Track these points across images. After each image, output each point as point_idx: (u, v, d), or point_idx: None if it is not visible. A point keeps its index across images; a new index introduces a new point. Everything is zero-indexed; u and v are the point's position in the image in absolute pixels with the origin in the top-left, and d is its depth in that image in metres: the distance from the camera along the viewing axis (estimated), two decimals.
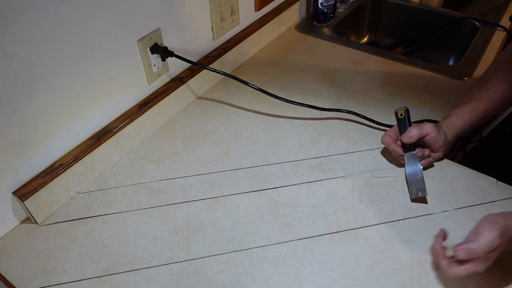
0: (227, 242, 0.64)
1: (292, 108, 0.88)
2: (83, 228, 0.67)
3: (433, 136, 0.69)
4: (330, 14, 1.16)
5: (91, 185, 0.74)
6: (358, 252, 0.62)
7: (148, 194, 0.72)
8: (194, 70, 0.89)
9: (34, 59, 0.59)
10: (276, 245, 0.64)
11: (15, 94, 0.59)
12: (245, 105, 0.90)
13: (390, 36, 1.32)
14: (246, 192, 0.72)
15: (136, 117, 0.78)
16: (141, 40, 0.75)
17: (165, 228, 0.66)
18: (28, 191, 0.64)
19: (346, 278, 0.59)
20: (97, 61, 0.69)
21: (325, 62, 1.03)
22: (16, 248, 0.64)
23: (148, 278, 0.60)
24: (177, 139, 0.83)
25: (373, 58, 1.03)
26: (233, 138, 0.82)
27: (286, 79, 0.97)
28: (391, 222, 0.66)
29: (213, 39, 0.93)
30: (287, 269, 0.60)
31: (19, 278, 0.60)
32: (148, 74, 0.79)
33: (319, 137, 0.82)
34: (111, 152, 0.76)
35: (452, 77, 0.95)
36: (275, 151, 0.79)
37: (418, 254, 0.61)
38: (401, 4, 1.26)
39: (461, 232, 0.64)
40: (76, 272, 0.61)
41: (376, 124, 0.83)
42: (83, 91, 0.69)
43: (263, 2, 1.03)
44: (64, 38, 0.62)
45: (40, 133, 0.65)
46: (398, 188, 0.71)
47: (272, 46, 1.10)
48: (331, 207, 0.68)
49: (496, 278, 0.58)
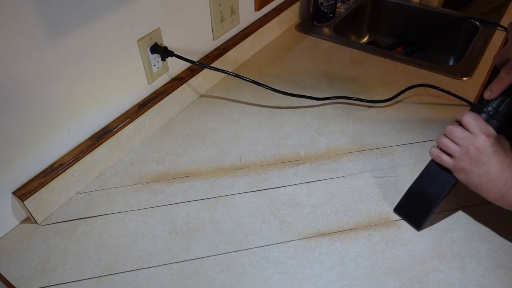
0: (227, 242, 0.64)
1: (292, 108, 0.88)
2: (83, 228, 0.67)
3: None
4: (330, 14, 1.16)
5: (91, 185, 0.74)
6: (358, 252, 0.62)
7: (148, 194, 0.72)
8: (194, 70, 0.89)
9: (34, 58, 0.59)
10: (276, 245, 0.64)
11: (15, 94, 0.59)
12: (245, 105, 0.90)
13: (390, 36, 1.32)
14: (246, 192, 0.72)
15: (136, 117, 0.78)
16: (141, 40, 0.75)
17: (165, 228, 0.66)
18: (28, 191, 0.64)
19: (346, 278, 0.59)
20: (97, 61, 0.69)
21: (325, 62, 1.03)
22: (16, 248, 0.64)
23: (148, 278, 0.60)
24: (177, 139, 0.83)
25: (373, 58, 1.03)
26: (233, 138, 0.82)
27: (286, 79, 0.97)
28: (391, 222, 0.66)
29: (213, 39, 0.93)
30: (287, 269, 0.60)
31: (19, 278, 0.60)
32: (148, 74, 0.79)
33: (319, 137, 0.82)
34: (111, 152, 0.76)
35: (452, 77, 0.95)
36: (275, 151, 0.79)
37: (418, 254, 0.61)
38: (401, 4, 1.26)
39: (461, 233, 0.64)
40: (76, 272, 0.61)
41: None
42: (83, 91, 0.69)
43: (263, 2, 1.03)
44: (64, 38, 0.62)
45: (40, 133, 0.65)
46: (398, 188, 0.71)
47: (272, 46, 1.10)
48: (331, 207, 0.68)
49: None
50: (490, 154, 0.55)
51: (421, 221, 0.64)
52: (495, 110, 0.58)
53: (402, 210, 0.67)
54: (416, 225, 0.65)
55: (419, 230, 0.64)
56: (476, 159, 0.55)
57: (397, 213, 0.67)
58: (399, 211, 0.67)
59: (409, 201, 0.66)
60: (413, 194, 0.66)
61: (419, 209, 0.64)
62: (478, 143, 0.55)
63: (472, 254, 0.61)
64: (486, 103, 0.59)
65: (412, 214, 0.66)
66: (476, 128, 0.56)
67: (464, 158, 0.56)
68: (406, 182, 0.71)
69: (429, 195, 0.63)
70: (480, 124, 0.56)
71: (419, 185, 0.65)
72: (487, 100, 0.59)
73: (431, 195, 0.63)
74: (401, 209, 0.67)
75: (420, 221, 0.64)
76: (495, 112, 0.58)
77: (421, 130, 0.82)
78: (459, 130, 0.57)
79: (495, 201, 0.56)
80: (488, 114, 0.58)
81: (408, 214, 0.66)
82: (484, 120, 0.57)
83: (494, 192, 0.55)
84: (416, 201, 0.65)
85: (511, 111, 0.57)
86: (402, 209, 0.67)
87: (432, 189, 0.63)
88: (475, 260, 0.60)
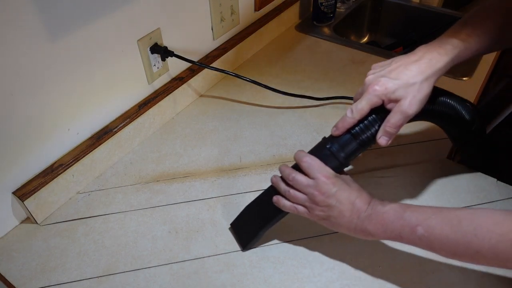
0: (227, 242, 0.64)
1: (292, 108, 0.88)
2: (83, 228, 0.67)
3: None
4: (330, 14, 1.16)
5: (91, 185, 0.74)
6: (358, 252, 0.62)
7: (148, 194, 0.72)
8: (194, 70, 0.89)
9: (34, 58, 0.59)
10: (276, 245, 0.64)
11: (15, 94, 0.59)
12: (245, 105, 0.90)
13: (390, 36, 1.32)
14: (246, 192, 0.72)
15: (136, 117, 0.78)
16: (141, 40, 0.75)
17: (165, 228, 0.66)
18: (28, 191, 0.64)
19: (346, 278, 0.59)
20: (97, 61, 0.69)
21: (325, 62, 1.03)
22: (16, 248, 0.64)
23: (148, 278, 0.60)
24: (177, 139, 0.83)
25: (373, 58, 1.03)
26: (233, 138, 0.82)
27: (286, 79, 0.97)
28: None
29: (213, 39, 0.93)
30: (287, 269, 0.60)
31: (19, 278, 0.60)
32: (148, 74, 0.79)
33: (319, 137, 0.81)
34: (111, 152, 0.76)
35: (452, 77, 0.95)
36: (275, 151, 0.79)
37: (418, 254, 0.61)
38: (401, 4, 1.26)
39: None
40: (76, 272, 0.61)
41: None
42: (83, 91, 0.69)
43: (263, 2, 1.03)
44: (64, 38, 0.62)
45: (40, 133, 0.65)
46: (398, 188, 0.71)
47: (272, 46, 1.10)
48: None
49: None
50: (335, 195, 0.53)
51: (247, 243, 0.62)
52: (338, 148, 0.56)
53: (235, 228, 0.65)
54: (242, 245, 0.63)
55: (244, 250, 0.62)
56: (326, 204, 0.54)
57: (232, 229, 0.65)
58: (233, 228, 0.65)
59: (243, 220, 0.64)
60: (247, 214, 0.64)
61: (248, 230, 0.62)
62: (321, 188, 0.53)
63: None
64: (332, 139, 0.57)
65: (243, 234, 0.63)
66: (316, 172, 0.54)
67: (314, 206, 0.54)
68: (406, 181, 0.72)
69: (260, 218, 0.61)
70: (318, 166, 0.55)
71: (254, 205, 0.63)
72: (333, 137, 0.57)
73: (262, 219, 0.61)
74: (235, 226, 0.65)
75: (246, 242, 0.62)
76: (337, 150, 0.56)
77: (421, 130, 0.82)
78: (301, 177, 0.55)
79: (360, 237, 0.54)
80: (330, 151, 0.56)
81: (239, 233, 0.64)
82: (326, 156, 0.56)
83: (353, 228, 0.53)
84: (248, 221, 0.63)
85: (352, 152, 0.56)
86: (236, 227, 0.65)
87: (265, 212, 0.61)
88: None
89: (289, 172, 0.57)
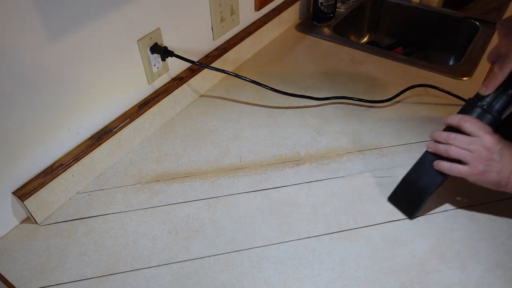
0: (227, 242, 0.64)
1: (292, 108, 0.88)
2: (83, 228, 0.67)
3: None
4: (330, 14, 1.16)
5: (91, 185, 0.74)
6: (358, 252, 0.62)
7: (148, 194, 0.72)
8: (194, 70, 0.89)
9: (34, 58, 0.59)
10: (276, 245, 0.64)
11: (15, 94, 0.59)
12: (245, 105, 0.90)
13: (390, 36, 1.32)
14: (246, 192, 0.72)
15: (136, 117, 0.78)
16: (141, 40, 0.75)
17: (165, 228, 0.66)
18: (28, 191, 0.64)
19: (346, 278, 0.59)
20: (97, 61, 0.69)
21: (325, 62, 1.03)
22: (16, 248, 0.64)
23: (148, 278, 0.60)
24: (177, 139, 0.83)
25: (373, 58, 1.03)
26: (233, 138, 0.82)
27: (286, 79, 0.97)
28: (391, 222, 0.66)
29: (213, 39, 0.93)
30: (287, 269, 0.60)
31: (19, 278, 0.60)
32: (148, 74, 0.79)
33: (319, 137, 0.82)
34: (111, 152, 0.76)
35: (452, 77, 0.95)
36: (275, 151, 0.79)
37: (418, 254, 0.61)
38: (401, 4, 1.26)
39: (461, 233, 0.64)
40: (76, 272, 0.61)
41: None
42: (83, 91, 0.69)
43: (263, 2, 1.03)
44: (64, 38, 0.62)
45: (40, 133, 0.65)
46: None
47: (272, 46, 1.10)
48: (331, 207, 0.68)
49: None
50: (500, 150, 0.57)
51: (413, 211, 0.66)
52: (489, 104, 0.60)
53: (395, 200, 0.69)
54: (408, 214, 0.66)
55: (411, 219, 0.66)
56: (490, 159, 0.57)
57: (391, 201, 0.69)
58: (392, 200, 0.69)
59: (403, 191, 0.68)
60: (407, 185, 0.67)
61: (412, 199, 0.66)
62: (487, 143, 0.57)
63: (472, 254, 0.61)
64: (481, 98, 0.61)
65: (405, 203, 0.67)
66: (480, 131, 0.58)
67: (480, 161, 0.58)
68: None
69: (422, 186, 0.65)
70: (481, 126, 0.59)
71: (412, 176, 0.67)
72: (482, 96, 0.61)
73: (424, 186, 0.64)
74: (395, 199, 0.69)
75: (413, 210, 0.66)
76: (489, 106, 0.60)
77: (421, 130, 0.82)
78: (463, 136, 0.59)
79: (507, 191, 0.58)
80: (483, 109, 0.60)
81: (401, 204, 0.68)
82: (479, 114, 0.60)
83: (504, 184, 0.58)
84: (409, 191, 0.67)
85: (504, 106, 0.59)
86: (396, 199, 0.69)
87: (425, 180, 0.64)
88: (475, 260, 0.60)
89: (448, 133, 0.60)
